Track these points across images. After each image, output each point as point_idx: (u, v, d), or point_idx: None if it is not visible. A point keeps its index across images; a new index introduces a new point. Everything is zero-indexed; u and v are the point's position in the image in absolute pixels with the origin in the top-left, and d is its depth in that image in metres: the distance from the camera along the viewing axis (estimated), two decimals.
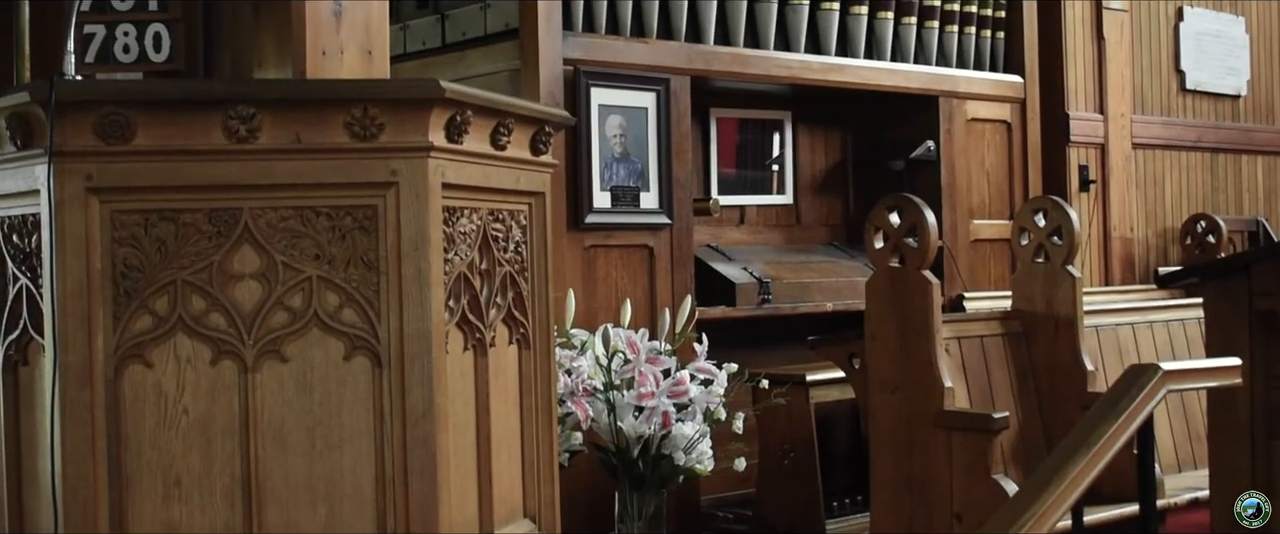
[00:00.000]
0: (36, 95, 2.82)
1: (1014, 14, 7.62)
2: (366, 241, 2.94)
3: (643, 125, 5.86)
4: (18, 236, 3.02)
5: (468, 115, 3.07)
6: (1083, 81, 8.19)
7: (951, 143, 7.19)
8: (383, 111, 2.93)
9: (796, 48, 6.53)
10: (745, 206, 6.95)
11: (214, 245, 2.89)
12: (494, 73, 5.77)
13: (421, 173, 2.96)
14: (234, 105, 2.87)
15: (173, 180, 2.87)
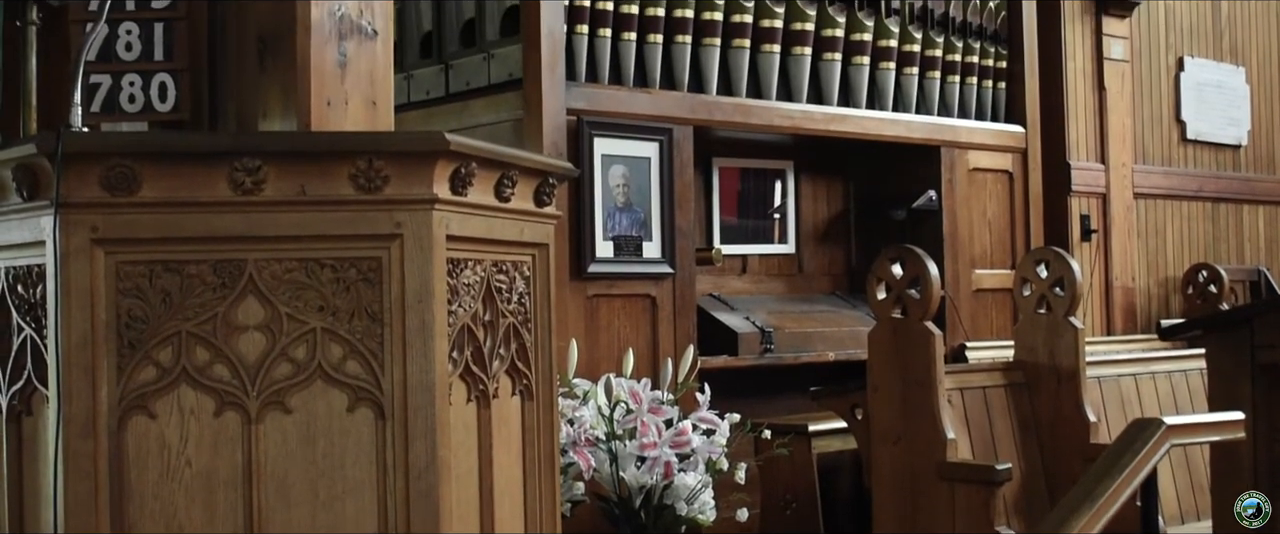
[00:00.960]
0: (43, 147, 2.83)
1: (1015, 64, 7.66)
2: (371, 293, 2.94)
3: (645, 175, 5.88)
4: (23, 287, 3.02)
5: (472, 167, 3.07)
6: (1084, 131, 8.22)
7: (953, 192, 7.20)
8: (387, 164, 2.94)
9: (799, 98, 6.56)
10: (747, 256, 6.96)
11: (218, 297, 2.89)
12: (497, 122, 5.80)
13: (426, 225, 2.96)
14: (239, 157, 2.87)
15: (178, 232, 2.87)
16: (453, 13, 6.21)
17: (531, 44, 5.62)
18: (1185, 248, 8.94)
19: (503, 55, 5.87)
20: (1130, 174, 8.43)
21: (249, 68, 4.41)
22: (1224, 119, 9.34)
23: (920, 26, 7.10)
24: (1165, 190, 8.81)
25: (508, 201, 3.29)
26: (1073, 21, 8.18)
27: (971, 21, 7.40)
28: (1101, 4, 8.34)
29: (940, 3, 7.21)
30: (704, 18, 6.19)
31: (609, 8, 5.86)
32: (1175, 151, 9.02)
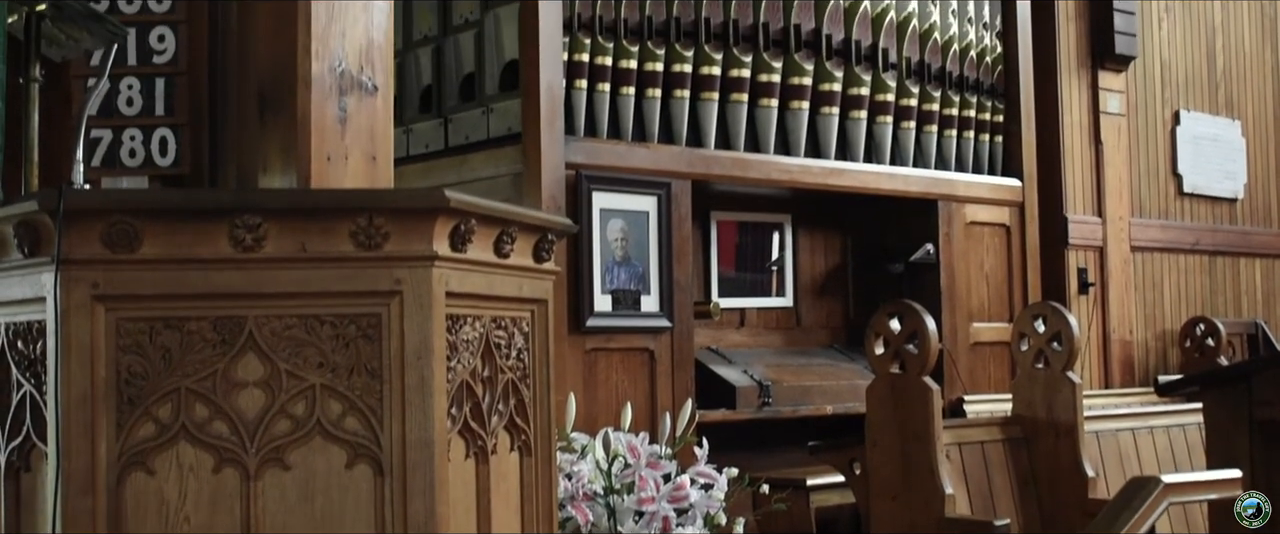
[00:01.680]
0: (45, 204, 2.84)
1: (1012, 118, 7.69)
2: (370, 350, 2.95)
3: (644, 229, 5.89)
4: (22, 343, 3.03)
5: (471, 224, 3.08)
6: (1081, 185, 8.25)
7: (951, 246, 7.22)
8: (388, 221, 2.95)
9: (796, 152, 6.59)
10: (746, 309, 6.97)
11: (218, 353, 2.90)
12: (496, 176, 5.81)
13: (425, 282, 2.97)
14: (240, 214, 2.88)
15: (178, 289, 2.88)
16: (452, 67, 6.24)
17: (530, 98, 5.65)
18: (1182, 301, 8.95)
19: (502, 109, 5.90)
20: (1127, 227, 8.45)
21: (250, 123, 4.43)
22: (1220, 172, 9.38)
23: (917, 81, 7.13)
24: (1162, 243, 8.83)
25: (507, 258, 3.30)
26: (1069, 76, 8.23)
27: (968, 76, 7.44)
28: (1097, 58, 8.39)
29: (937, 57, 7.24)
30: (702, 72, 6.22)
31: (607, 62, 5.90)
32: (1172, 205, 9.04)
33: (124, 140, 4.45)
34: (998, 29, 7.67)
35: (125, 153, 4.46)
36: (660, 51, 6.07)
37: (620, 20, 5.97)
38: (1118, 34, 8.44)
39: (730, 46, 6.33)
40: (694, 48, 6.21)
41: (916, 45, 7.14)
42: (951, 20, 7.34)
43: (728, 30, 6.33)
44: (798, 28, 6.56)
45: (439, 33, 6.33)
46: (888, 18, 6.97)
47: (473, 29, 6.13)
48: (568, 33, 5.77)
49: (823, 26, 6.67)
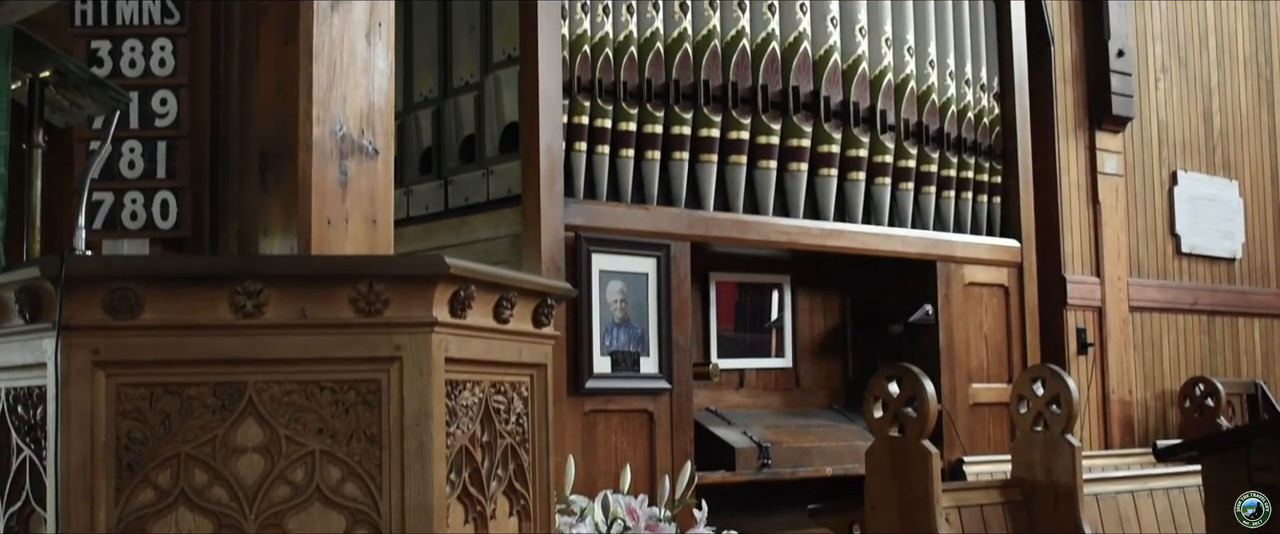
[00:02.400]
0: (46, 270, 2.85)
1: (1010, 179, 7.71)
2: (369, 416, 2.95)
3: (643, 290, 5.91)
4: (23, 408, 3.03)
5: (471, 290, 3.09)
6: (1079, 245, 8.27)
7: (950, 306, 7.23)
8: (388, 287, 2.96)
9: (795, 213, 6.61)
10: (745, 370, 6.97)
11: (218, 419, 2.90)
12: (496, 238, 5.83)
13: (425, 348, 2.98)
14: (241, 281, 2.89)
15: (179, 355, 2.89)
16: (452, 129, 6.27)
17: (530, 161, 5.67)
18: (1182, 361, 8.95)
19: (502, 171, 5.92)
20: (1126, 287, 8.47)
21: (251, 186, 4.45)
22: (1218, 232, 9.40)
23: (915, 142, 7.17)
24: (1161, 304, 8.84)
25: (506, 323, 3.31)
26: (1067, 137, 8.27)
27: (966, 137, 7.47)
28: (1095, 119, 8.44)
29: (935, 119, 7.28)
30: (701, 134, 6.25)
31: (607, 125, 5.93)
32: (1170, 265, 9.06)
33: (125, 203, 4.47)
34: (995, 90, 7.71)
35: (127, 215, 4.47)
36: (659, 114, 6.11)
37: (620, 83, 6.01)
38: (1115, 95, 8.49)
39: (729, 109, 6.36)
40: (693, 110, 6.24)
41: (914, 107, 7.18)
42: (949, 82, 7.38)
43: (726, 93, 6.37)
44: (796, 90, 6.60)
45: (439, 95, 6.37)
46: (886, 80, 7.01)
47: (473, 91, 6.17)
48: (567, 95, 5.81)
49: (821, 89, 6.71)
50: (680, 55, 6.20)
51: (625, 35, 6.05)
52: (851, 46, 6.87)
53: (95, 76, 3.64)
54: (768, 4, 6.54)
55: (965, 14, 7.55)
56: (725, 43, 6.39)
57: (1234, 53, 9.74)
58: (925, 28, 7.29)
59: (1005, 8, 7.79)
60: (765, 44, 6.51)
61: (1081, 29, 8.49)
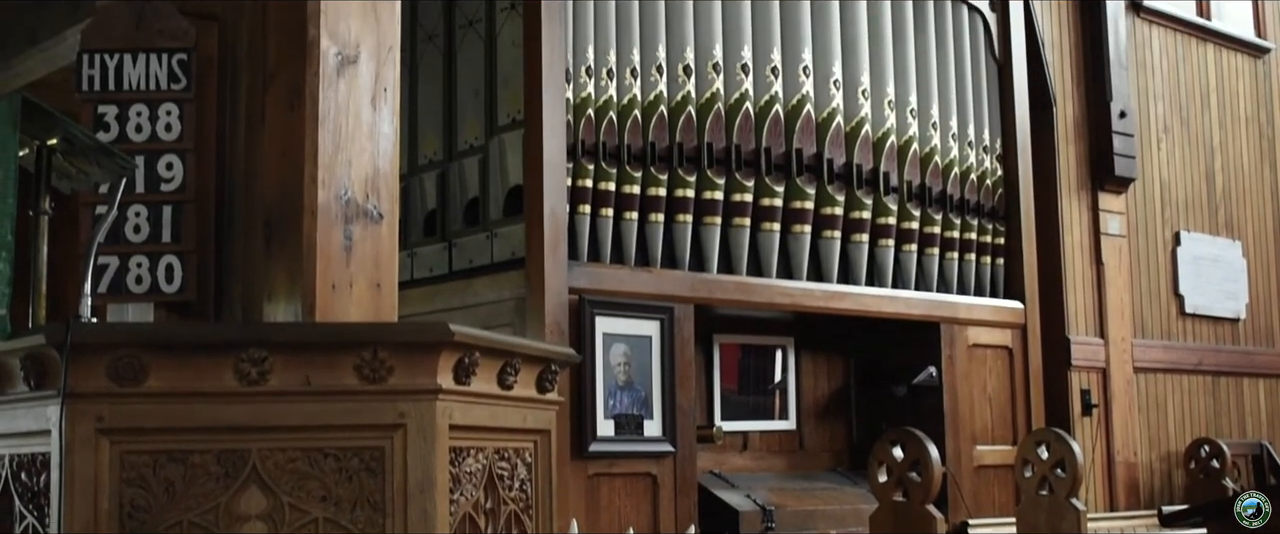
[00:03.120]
0: (52, 338, 2.86)
1: (1013, 241, 7.72)
2: (373, 483, 2.96)
3: (647, 353, 5.91)
4: (26, 475, 3.04)
5: (475, 357, 3.11)
6: (1083, 306, 8.27)
7: (954, 368, 7.22)
8: (392, 355, 2.97)
9: (799, 275, 6.61)
10: (748, 432, 6.95)
11: (221, 487, 2.91)
12: (500, 301, 5.84)
13: (429, 415, 2.99)
14: (246, 348, 2.91)
15: (183, 422, 2.90)
16: (456, 192, 6.29)
17: (534, 223, 5.69)
18: (1187, 422, 8.93)
19: (506, 234, 5.94)
20: (1130, 348, 8.46)
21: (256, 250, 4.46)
22: (1222, 292, 9.40)
23: (918, 204, 7.18)
24: (1165, 364, 8.83)
25: (511, 389, 3.32)
26: (1069, 197, 8.29)
27: (969, 199, 7.49)
28: (1097, 180, 8.46)
29: (938, 180, 7.30)
30: (705, 197, 6.27)
31: (611, 188, 5.95)
32: (1174, 325, 9.06)
33: (131, 267, 4.48)
34: (998, 152, 7.73)
35: (132, 279, 4.49)
36: (663, 177, 6.13)
37: (623, 146, 6.03)
38: (1117, 156, 8.51)
39: (732, 171, 6.38)
40: (697, 173, 6.26)
41: (917, 169, 7.20)
42: (952, 144, 7.41)
43: (730, 155, 6.39)
44: (799, 152, 6.62)
45: (444, 158, 6.40)
46: (888, 142, 7.03)
47: (477, 154, 6.20)
48: (571, 158, 5.83)
49: (824, 151, 6.73)
50: (684, 118, 6.23)
51: (629, 99, 6.08)
52: (854, 109, 6.90)
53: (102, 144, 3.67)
54: (770, 67, 6.58)
55: (967, 76, 7.59)
56: (729, 106, 6.43)
57: (1235, 112, 9.78)
58: (928, 90, 7.32)
59: (1007, 69, 7.83)
60: (769, 107, 6.54)
61: (1083, 90, 8.53)
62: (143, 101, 4.55)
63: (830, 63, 6.83)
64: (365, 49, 4.39)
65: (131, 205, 4.48)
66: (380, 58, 4.43)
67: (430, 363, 3.00)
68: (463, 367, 3.07)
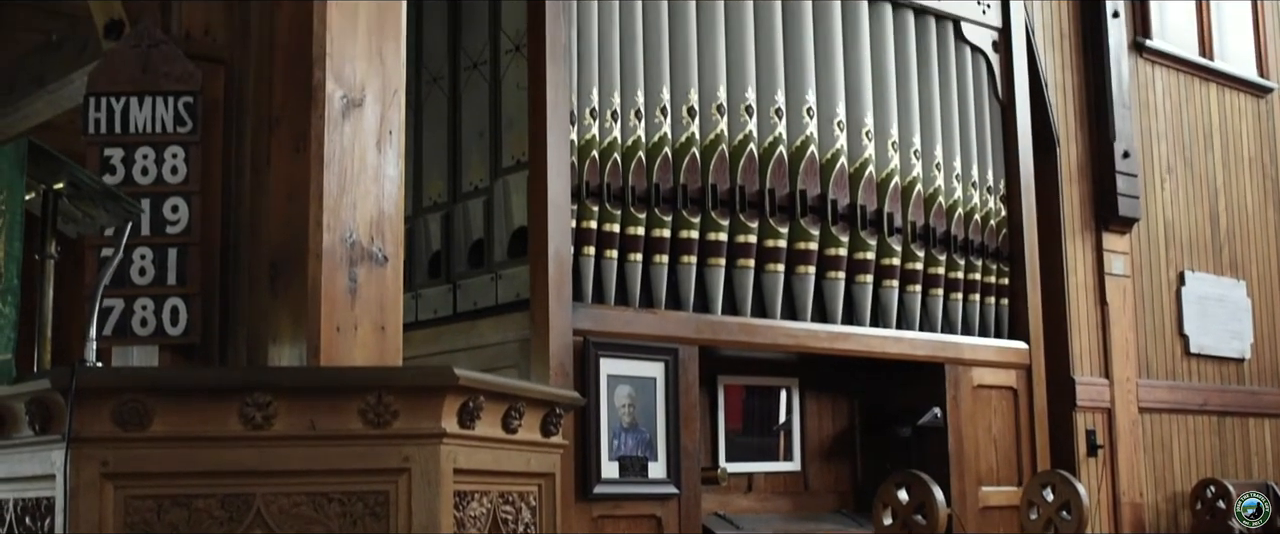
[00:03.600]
0: (57, 382, 2.87)
1: (1017, 281, 7.72)
2: (377, 528, 2.96)
3: (651, 395, 5.90)
4: (30, 519, 3.04)
5: (480, 401, 3.11)
6: (1087, 347, 8.27)
7: (958, 409, 7.21)
8: (397, 399, 2.98)
9: (803, 317, 6.61)
10: (753, 473, 6.94)
11: (226, 531, 2.91)
12: (504, 343, 5.84)
13: (434, 459, 2.99)
14: (251, 393, 2.91)
15: (188, 467, 2.90)
16: (461, 234, 6.30)
17: (539, 265, 5.70)
18: (1192, 463, 8.91)
19: (510, 276, 5.94)
20: (1135, 389, 8.45)
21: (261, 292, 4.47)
22: (1226, 332, 9.39)
23: (922, 245, 7.19)
24: (1170, 405, 8.81)
25: (515, 433, 3.32)
26: (1073, 238, 8.29)
27: (973, 239, 7.49)
28: (1101, 220, 8.47)
29: (941, 221, 7.31)
30: (709, 238, 6.27)
31: (615, 230, 5.96)
32: (1179, 365, 9.05)
33: (135, 309, 4.49)
34: (1001, 192, 7.74)
35: (137, 322, 4.49)
36: (667, 218, 6.14)
37: (628, 188, 6.04)
38: (1121, 196, 8.52)
39: (737, 212, 6.40)
40: (700, 214, 6.27)
41: (921, 209, 7.21)
42: (955, 184, 7.42)
43: (734, 197, 6.40)
44: (803, 194, 6.63)
45: (449, 199, 6.41)
46: (892, 183, 7.05)
47: (482, 196, 6.21)
48: (576, 200, 5.84)
49: (828, 192, 6.75)
50: (687, 160, 6.25)
51: (633, 140, 6.10)
52: (858, 150, 6.92)
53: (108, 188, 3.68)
54: (774, 108, 6.60)
55: (971, 117, 7.61)
56: (733, 147, 6.44)
57: (1239, 152, 9.80)
58: (931, 130, 7.34)
59: (1011, 110, 7.85)
60: (772, 148, 6.55)
61: (1087, 131, 8.55)
62: (149, 144, 4.56)
63: (834, 103, 6.85)
64: (370, 92, 4.40)
65: (137, 248, 4.48)
66: (385, 101, 4.45)
67: (435, 407, 3.00)
68: (467, 410, 3.07)
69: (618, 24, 6.16)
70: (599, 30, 6.09)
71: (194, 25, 4.74)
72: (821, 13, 6.92)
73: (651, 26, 6.27)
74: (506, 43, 6.18)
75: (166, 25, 4.74)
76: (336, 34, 4.34)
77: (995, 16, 7.81)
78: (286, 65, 4.45)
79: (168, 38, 4.67)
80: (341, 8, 4.38)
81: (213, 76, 4.68)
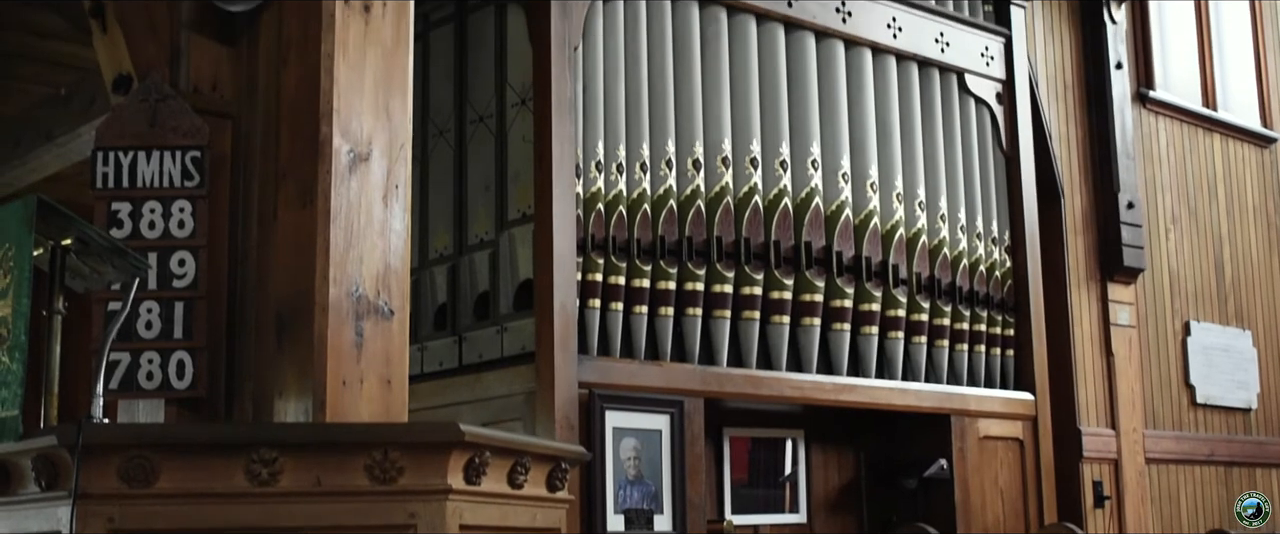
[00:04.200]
0: (63, 439, 2.87)
1: (1023, 332, 7.71)
2: None
3: (657, 447, 5.90)
4: None
5: (486, 457, 3.11)
6: (1094, 397, 8.25)
7: (965, 461, 7.19)
8: (403, 455, 2.98)
9: (809, 368, 6.61)
10: (759, 526, 6.91)
11: None
12: (510, 395, 5.83)
13: (439, 515, 2.99)
14: (257, 449, 2.92)
15: (193, 523, 2.90)
16: (467, 286, 6.31)
17: (544, 318, 5.70)
18: (1200, 513, 8.87)
19: (516, 328, 5.95)
20: (1141, 439, 8.43)
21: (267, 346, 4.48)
22: (1233, 382, 9.38)
23: (928, 296, 7.19)
24: (1177, 455, 8.79)
25: (521, 488, 3.32)
26: (1078, 289, 8.29)
27: (978, 290, 7.49)
28: (1106, 271, 8.47)
29: (947, 272, 7.31)
30: (714, 291, 6.28)
31: (620, 282, 5.97)
32: (1185, 416, 9.03)
33: (142, 363, 4.49)
34: (1006, 243, 7.75)
35: (143, 375, 4.50)
36: (672, 271, 6.15)
37: (633, 240, 6.06)
38: (1126, 246, 8.53)
39: (742, 265, 6.40)
40: (706, 266, 6.28)
41: (926, 261, 7.21)
42: (960, 236, 7.43)
43: (739, 249, 6.41)
44: (808, 245, 6.64)
45: (454, 251, 6.42)
46: (897, 234, 7.06)
47: (488, 248, 6.22)
48: (581, 253, 5.86)
49: (833, 244, 6.76)
50: (693, 212, 6.27)
51: (638, 193, 6.12)
52: (863, 201, 6.94)
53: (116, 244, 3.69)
54: (779, 161, 6.62)
55: (975, 168, 7.63)
56: (737, 199, 6.46)
57: (1243, 202, 9.81)
58: (936, 182, 7.36)
59: (1015, 162, 7.86)
60: (778, 200, 6.57)
61: (1091, 181, 8.57)
62: (156, 198, 4.58)
63: (838, 156, 6.87)
64: (377, 146, 4.42)
65: (143, 302, 4.49)
66: (392, 155, 4.47)
67: (441, 463, 3.00)
68: (473, 467, 3.07)
69: (623, 77, 6.19)
70: (604, 84, 6.12)
71: (202, 80, 4.77)
72: (825, 65, 6.95)
73: (656, 80, 6.30)
74: (513, 96, 6.21)
75: (174, 80, 4.77)
76: (344, 89, 4.37)
77: (999, 68, 7.85)
78: (294, 120, 4.47)
79: (175, 92, 4.70)
80: (349, 63, 4.40)
81: (220, 131, 4.71)
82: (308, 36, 4.44)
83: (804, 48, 6.88)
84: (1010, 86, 7.89)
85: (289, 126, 4.50)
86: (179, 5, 4.86)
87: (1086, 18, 8.73)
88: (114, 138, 4.64)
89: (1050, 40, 8.51)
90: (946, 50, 7.55)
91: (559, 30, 5.93)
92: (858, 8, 7.11)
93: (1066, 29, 8.65)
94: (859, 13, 7.11)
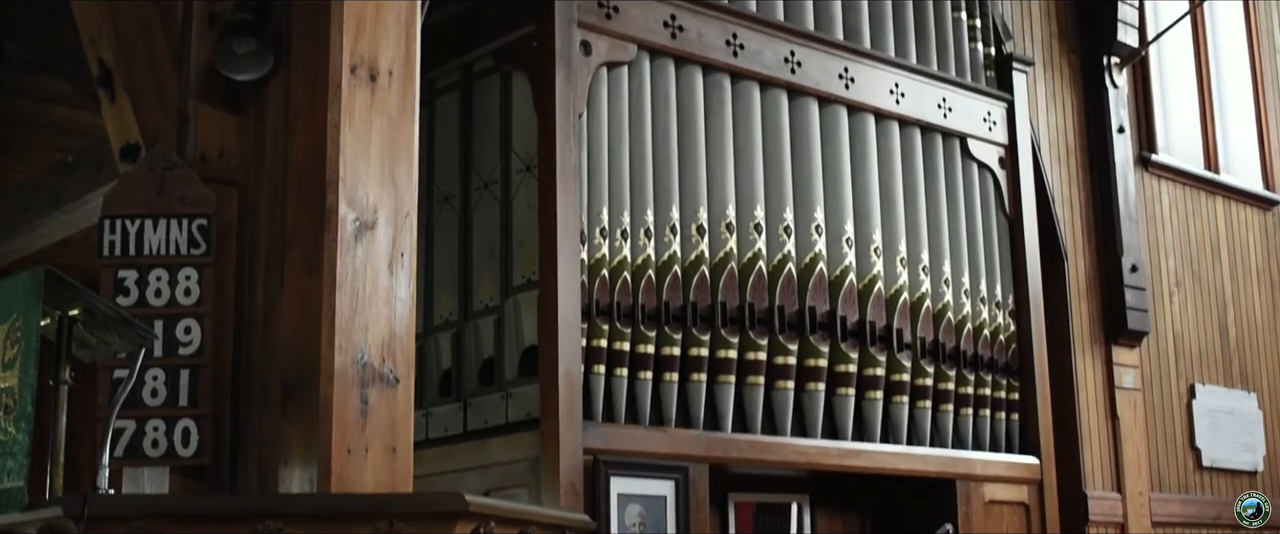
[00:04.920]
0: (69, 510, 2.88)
1: (1027, 396, 7.70)
2: None
3: (661, 513, 5.89)
4: None
5: (491, 527, 3.12)
6: (1099, 461, 8.24)
7: (970, 525, 7.17)
8: (408, 526, 2.98)
9: (813, 433, 6.60)
10: None
11: None
12: (514, 461, 5.83)
13: None
14: (262, 520, 2.92)
15: None
16: (472, 352, 6.31)
17: (549, 384, 5.71)
18: None
19: (521, 394, 5.95)
20: (1147, 503, 8.40)
21: (272, 413, 4.49)
22: (1238, 445, 9.36)
23: (932, 361, 7.19)
24: (1184, 518, 8.75)
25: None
26: (1083, 352, 8.29)
27: (982, 355, 7.49)
28: (1110, 334, 8.47)
29: (951, 337, 7.31)
30: (719, 356, 6.29)
31: (625, 348, 5.97)
32: (1191, 479, 9.00)
33: (147, 431, 4.51)
34: (1010, 308, 7.76)
35: (148, 443, 4.51)
36: (677, 336, 6.16)
37: (638, 306, 6.07)
38: (1129, 310, 8.53)
39: (746, 330, 6.41)
40: (710, 332, 6.29)
41: (931, 325, 7.22)
42: (964, 300, 7.44)
43: (743, 314, 6.42)
44: (812, 311, 6.65)
45: (459, 317, 6.43)
46: (901, 299, 7.07)
47: (493, 314, 6.23)
48: (586, 319, 5.87)
49: (837, 309, 6.77)
50: (697, 278, 6.28)
51: (643, 259, 6.13)
52: (867, 267, 6.95)
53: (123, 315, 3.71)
54: (783, 226, 6.64)
55: (979, 233, 7.65)
56: (742, 265, 6.48)
57: (1247, 264, 9.82)
58: (940, 247, 7.38)
59: (1018, 226, 7.89)
60: (781, 266, 6.59)
61: (1094, 245, 8.58)
62: (162, 266, 4.61)
63: (842, 221, 6.89)
64: (383, 215, 4.45)
65: (149, 369, 4.51)
66: (397, 223, 4.50)
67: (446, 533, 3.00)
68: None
69: (627, 144, 6.22)
70: (609, 150, 6.15)
71: (209, 148, 4.81)
72: (829, 130, 6.99)
73: (660, 146, 6.33)
74: (518, 163, 6.25)
75: (182, 148, 4.81)
76: (350, 158, 4.40)
77: (1001, 133, 7.88)
78: (300, 188, 4.50)
79: (183, 160, 4.73)
80: (355, 131, 4.44)
81: (227, 199, 4.74)
82: (314, 105, 4.48)
83: (807, 113, 6.92)
84: (1013, 151, 7.93)
85: (295, 195, 4.52)
86: (187, 74, 4.91)
87: (1088, 82, 8.78)
88: (121, 206, 4.67)
89: (1052, 105, 8.56)
90: (949, 115, 7.59)
91: (563, 97, 5.97)
92: (861, 73, 7.15)
93: (1068, 93, 8.70)
94: (862, 79, 7.16)
